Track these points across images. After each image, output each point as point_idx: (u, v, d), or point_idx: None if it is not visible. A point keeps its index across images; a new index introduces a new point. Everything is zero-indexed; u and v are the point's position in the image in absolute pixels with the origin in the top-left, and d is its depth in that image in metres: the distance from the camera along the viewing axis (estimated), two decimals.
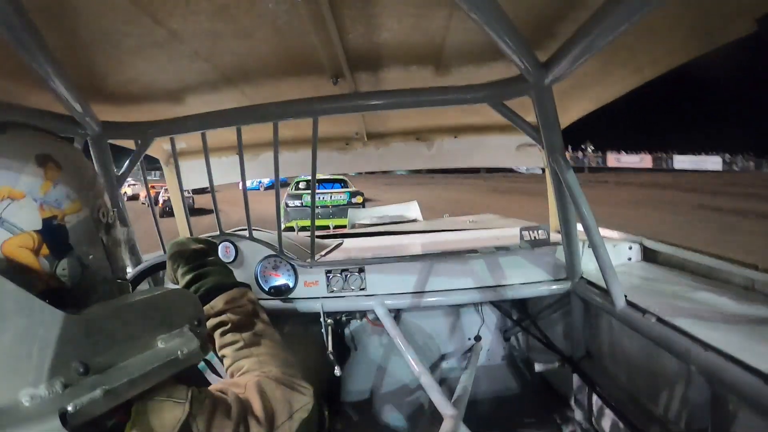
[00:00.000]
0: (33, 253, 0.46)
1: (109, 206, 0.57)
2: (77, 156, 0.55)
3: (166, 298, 0.54)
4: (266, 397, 0.61)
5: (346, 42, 1.08)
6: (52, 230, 0.48)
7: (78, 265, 0.49)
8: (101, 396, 0.40)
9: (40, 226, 0.47)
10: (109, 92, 1.29)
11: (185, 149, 1.97)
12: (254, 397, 0.60)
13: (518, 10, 0.92)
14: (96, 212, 0.53)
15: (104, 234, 0.54)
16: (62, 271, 0.48)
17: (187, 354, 0.51)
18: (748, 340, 0.96)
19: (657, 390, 1.25)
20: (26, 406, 0.36)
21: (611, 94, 1.46)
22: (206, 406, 0.53)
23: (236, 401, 0.57)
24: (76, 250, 0.50)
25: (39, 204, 0.47)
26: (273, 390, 0.63)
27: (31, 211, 0.47)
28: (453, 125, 2.04)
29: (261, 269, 1.71)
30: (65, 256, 0.48)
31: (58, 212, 0.49)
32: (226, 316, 0.73)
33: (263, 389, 0.62)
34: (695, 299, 1.23)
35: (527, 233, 1.67)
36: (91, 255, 0.52)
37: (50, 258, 0.47)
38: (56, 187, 0.49)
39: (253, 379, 0.63)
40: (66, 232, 0.49)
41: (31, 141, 0.50)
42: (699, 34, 1.01)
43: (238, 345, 0.71)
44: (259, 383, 0.63)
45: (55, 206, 0.48)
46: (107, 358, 0.43)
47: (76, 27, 0.91)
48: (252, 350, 0.70)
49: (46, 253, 0.47)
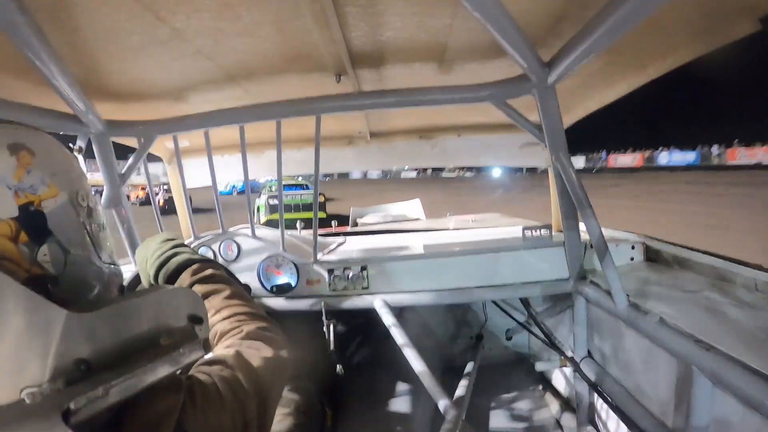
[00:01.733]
0: (11, 241, 0.45)
1: (88, 190, 0.56)
2: (52, 143, 0.54)
3: (168, 296, 0.54)
4: (249, 369, 0.61)
5: (349, 40, 1.08)
6: (29, 216, 0.47)
7: (59, 250, 0.49)
8: (104, 393, 0.41)
9: (17, 212, 0.46)
10: (113, 90, 1.30)
11: (188, 147, 1.98)
12: (239, 372, 0.60)
13: (522, 10, 0.92)
14: (75, 196, 0.53)
15: (86, 218, 0.54)
16: (44, 257, 0.47)
17: (189, 351, 0.52)
18: (750, 341, 0.95)
19: (659, 390, 1.25)
20: (28, 404, 0.36)
21: (615, 93, 1.45)
22: (198, 393, 0.53)
23: (223, 382, 0.57)
24: (56, 235, 0.49)
25: (13, 191, 0.46)
26: (255, 358, 0.63)
27: (6, 199, 0.46)
28: (456, 124, 2.03)
29: (263, 268, 1.71)
30: (45, 242, 0.48)
31: (34, 198, 0.48)
32: (194, 288, 0.73)
33: (245, 360, 0.62)
34: (698, 300, 1.22)
35: (530, 233, 1.67)
36: (73, 240, 0.51)
37: (30, 245, 0.47)
38: (30, 174, 0.48)
39: (231, 351, 0.63)
40: (44, 217, 0.49)
41: (3, 132, 0.49)
42: (702, 33, 1.01)
43: (210, 313, 0.71)
44: (238, 354, 0.62)
45: (31, 192, 0.48)
46: (109, 356, 0.44)
47: (80, 25, 0.91)
48: (223, 313, 0.71)
49: (25, 240, 0.46)
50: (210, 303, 0.72)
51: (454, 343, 2.30)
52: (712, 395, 1.00)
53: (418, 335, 2.12)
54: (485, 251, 1.68)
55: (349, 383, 2.14)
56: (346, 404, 2.08)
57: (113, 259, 0.57)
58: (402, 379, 2.16)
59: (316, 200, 1.69)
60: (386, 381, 2.18)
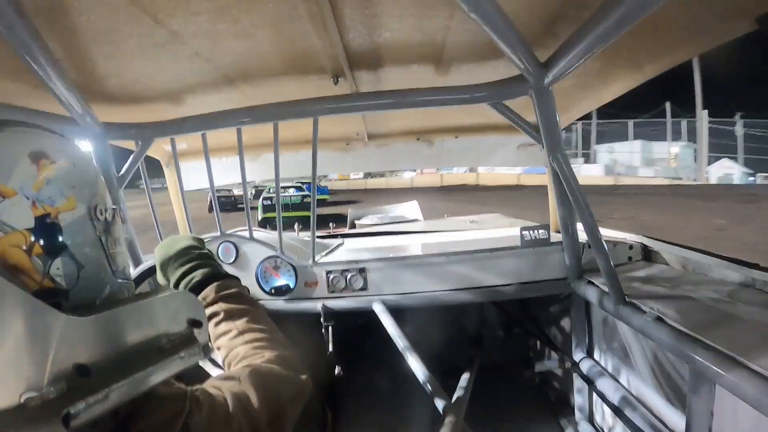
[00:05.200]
0: (25, 252, 0.45)
1: (108, 204, 0.55)
2: (75, 153, 0.53)
3: (168, 300, 0.54)
4: (263, 387, 0.60)
5: (346, 42, 1.08)
6: (45, 228, 0.46)
7: (73, 264, 0.48)
8: (103, 398, 0.40)
9: (33, 224, 0.45)
10: (110, 93, 1.29)
11: (186, 150, 1.97)
12: (250, 390, 0.59)
13: (518, 11, 0.92)
14: (93, 210, 0.52)
15: (102, 233, 0.53)
16: (56, 271, 0.46)
17: (188, 355, 0.51)
18: (748, 339, 0.96)
19: (657, 390, 1.25)
20: (28, 408, 0.36)
21: (611, 93, 1.46)
22: (205, 404, 0.53)
23: (233, 397, 0.57)
24: (70, 249, 0.48)
25: (31, 201, 0.46)
26: (269, 377, 0.63)
27: (23, 209, 0.45)
28: (453, 125, 2.04)
29: (262, 270, 1.71)
30: (59, 255, 0.47)
31: (52, 210, 0.47)
32: (218, 306, 0.73)
33: (259, 379, 0.61)
34: (696, 299, 1.23)
35: (528, 233, 1.67)
36: (88, 254, 0.50)
37: (43, 257, 0.46)
38: (50, 185, 0.47)
39: (246, 370, 0.63)
40: (60, 230, 0.48)
41: (26, 138, 0.48)
42: (699, 33, 1.01)
43: (232, 334, 0.70)
44: (254, 373, 0.62)
45: (48, 203, 0.47)
46: (109, 360, 0.44)
47: (77, 28, 0.91)
48: (245, 336, 0.70)
49: (39, 252, 0.45)
50: (234, 323, 0.72)
51: (453, 344, 2.30)
52: (711, 394, 1.00)
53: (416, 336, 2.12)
54: (484, 252, 1.68)
55: (348, 385, 2.14)
56: (345, 405, 2.08)
57: (126, 273, 0.57)
58: (401, 381, 2.16)
59: (314, 202, 1.69)
60: (385, 382, 2.18)
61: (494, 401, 2.08)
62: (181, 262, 0.79)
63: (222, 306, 0.73)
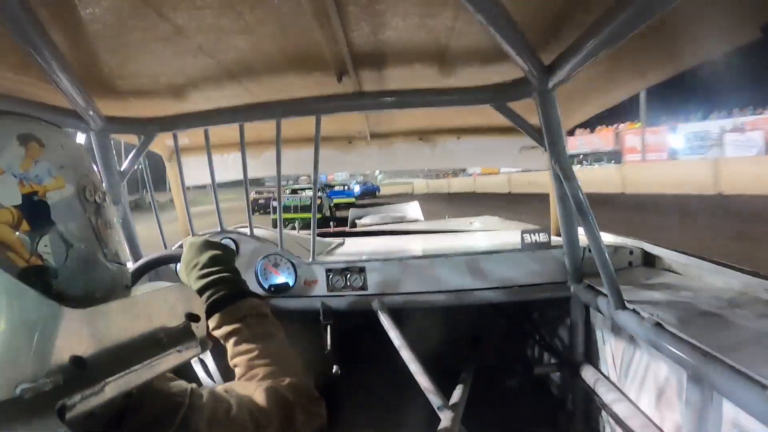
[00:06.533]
0: (12, 228, 0.45)
1: (97, 185, 0.55)
2: (63, 137, 0.54)
3: (167, 293, 0.54)
4: (276, 402, 0.61)
5: (350, 39, 1.08)
6: (32, 205, 0.47)
7: (61, 242, 0.48)
8: (99, 390, 0.40)
9: (20, 201, 0.46)
10: (113, 87, 1.29)
11: (188, 145, 1.97)
12: (262, 400, 0.59)
13: (523, 13, 0.92)
14: (82, 191, 0.52)
15: (92, 213, 0.53)
16: (44, 248, 0.46)
17: (186, 349, 0.51)
18: (747, 347, 0.95)
19: (655, 396, 1.24)
20: (24, 400, 0.36)
21: (615, 97, 1.45)
22: (207, 402, 0.53)
23: (240, 401, 0.57)
24: (58, 227, 0.48)
25: (18, 180, 0.46)
26: (285, 396, 0.63)
27: (11, 187, 0.46)
28: (456, 126, 2.04)
29: (261, 267, 1.71)
30: (47, 232, 0.47)
31: (39, 188, 0.48)
32: (242, 325, 0.73)
33: (275, 394, 0.61)
34: (695, 305, 1.22)
35: (528, 236, 1.67)
36: (77, 234, 0.50)
37: (31, 234, 0.46)
38: (37, 164, 0.48)
39: (264, 384, 0.63)
40: (47, 207, 0.48)
41: (14, 123, 0.49)
42: (703, 39, 1.01)
43: (252, 354, 0.70)
44: (271, 388, 0.62)
45: (36, 182, 0.47)
46: (106, 353, 0.44)
47: (81, 21, 0.91)
48: (267, 360, 0.70)
49: (27, 228, 0.46)
50: (256, 345, 0.71)
51: (452, 346, 2.29)
52: (711, 402, 1.00)
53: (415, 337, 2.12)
54: (484, 254, 1.68)
55: (346, 384, 2.13)
56: (342, 405, 2.08)
57: (120, 258, 0.57)
58: (399, 381, 2.15)
59: (315, 200, 1.69)
60: (383, 382, 2.18)
61: (492, 403, 2.08)
62: (208, 272, 0.78)
63: (246, 324, 0.73)
